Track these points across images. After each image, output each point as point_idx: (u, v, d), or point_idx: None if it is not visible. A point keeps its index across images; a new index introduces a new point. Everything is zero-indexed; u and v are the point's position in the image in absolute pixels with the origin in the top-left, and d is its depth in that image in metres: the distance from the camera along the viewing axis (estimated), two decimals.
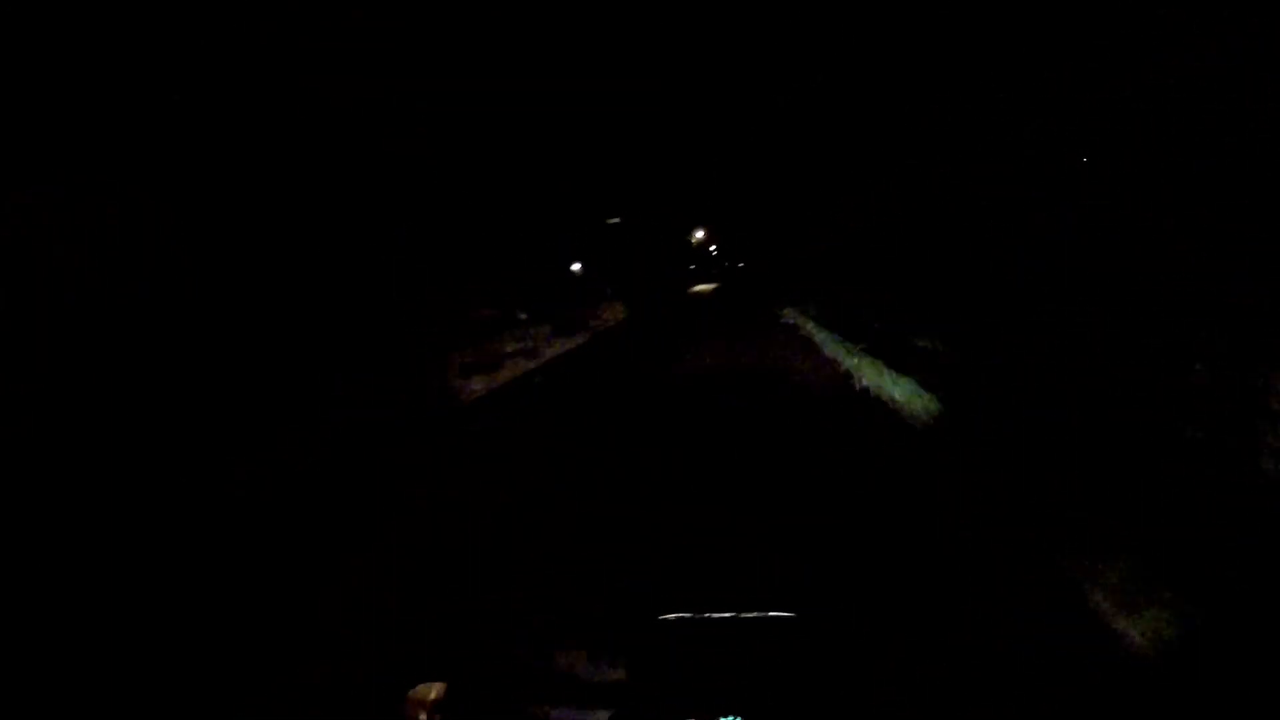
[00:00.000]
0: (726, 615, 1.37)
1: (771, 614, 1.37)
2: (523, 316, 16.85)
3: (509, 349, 12.29)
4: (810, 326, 15.66)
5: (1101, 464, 4.38)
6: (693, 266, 53.03)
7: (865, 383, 8.77)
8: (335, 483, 5.69)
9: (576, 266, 35.65)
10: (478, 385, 9.82)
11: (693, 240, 54.59)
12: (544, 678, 1.37)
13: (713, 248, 60.67)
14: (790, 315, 18.18)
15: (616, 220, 27.34)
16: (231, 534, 4.45)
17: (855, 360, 10.36)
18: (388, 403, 8.56)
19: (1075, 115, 6.77)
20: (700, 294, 39.18)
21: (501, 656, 1.55)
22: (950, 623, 2.63)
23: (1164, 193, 5.07)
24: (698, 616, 1.37)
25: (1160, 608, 2.85)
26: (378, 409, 8.18)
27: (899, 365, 9.29)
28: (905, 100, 12.93)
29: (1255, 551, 3.05)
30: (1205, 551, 3.13)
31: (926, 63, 11.38)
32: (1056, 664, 2.42)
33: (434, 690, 1.27)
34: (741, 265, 54.24)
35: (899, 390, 7.93)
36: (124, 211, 7.07)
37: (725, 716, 1.17)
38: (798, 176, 28.45)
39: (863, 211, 18.00)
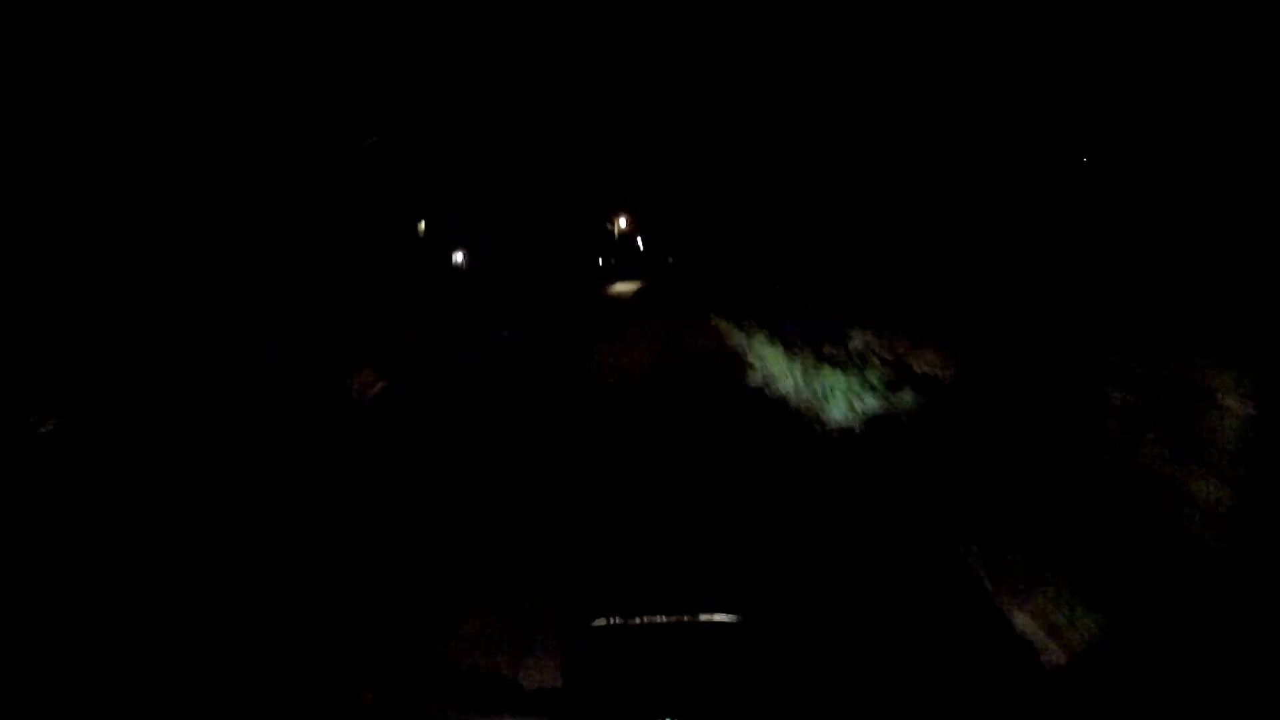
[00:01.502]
0: (662, 620, 1.36)
1: (707, 618, 1.35)
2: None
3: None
4: (738, 331, 12.87)
5: (999, 457, 4.57)
6: (612, 261, 45.97)
7: (793, 390, 7.64)
8: (252, 477, 5.06)
9: (459, 258, 28.03)
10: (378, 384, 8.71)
11: (614, 230, 47.33)
12: (478, 685, 1.46)
13: (639, 239, 54.04)
14: (721, 319, 15.03)
15: (373, 139, 18.94)
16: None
17: (784, 365, 8.90)
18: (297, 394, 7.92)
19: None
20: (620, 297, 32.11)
21: (433, 664, 1.70)
22: (867, 623, 2.66)
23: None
24: (633, 622, 1.35)
25: (1056, 600, 2.97)
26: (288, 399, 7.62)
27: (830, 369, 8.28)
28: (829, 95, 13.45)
29: (1149, 545, 3.34)
30: (1102, 547, 3.38)
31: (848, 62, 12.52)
32: (960, 659, 2.52)
33: (364, 699, 1.26)
34: (671, 260, 48.12)
35: (824, 397, 7.10)
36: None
37: None
38: (744, 157, 24.53)
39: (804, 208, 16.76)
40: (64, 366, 7.96)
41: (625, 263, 49.32)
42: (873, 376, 7.34)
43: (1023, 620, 2.95)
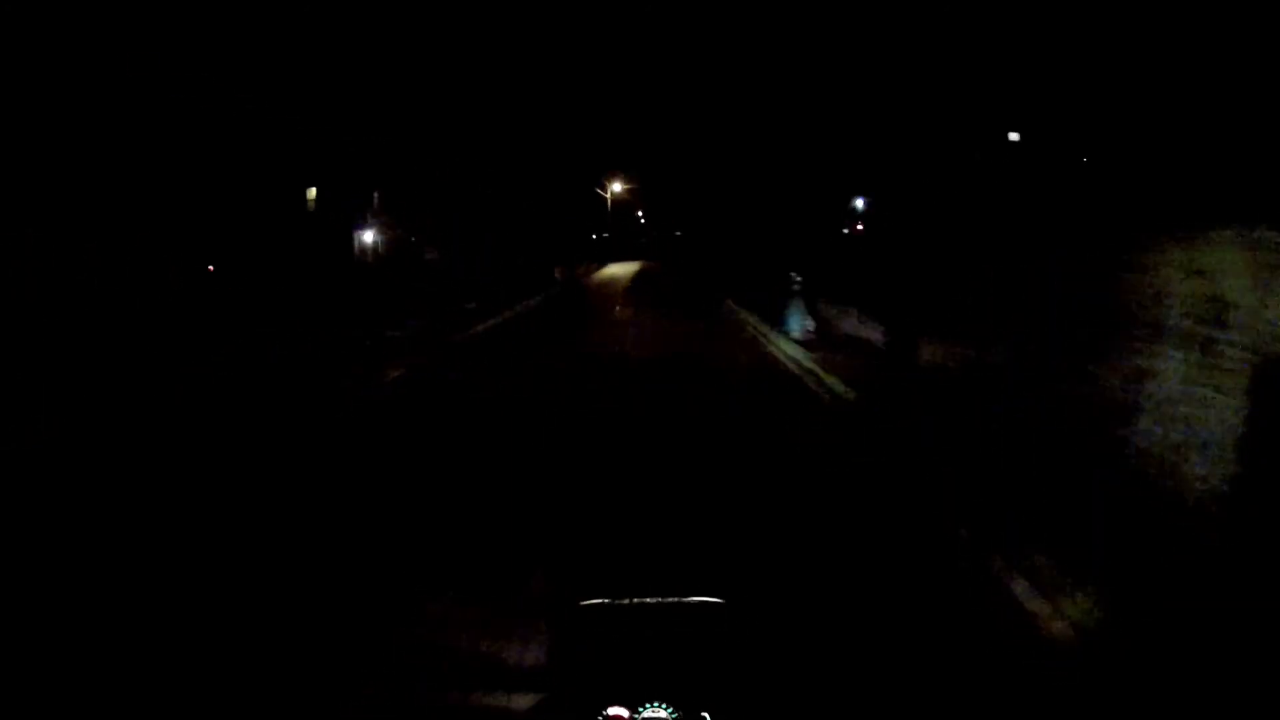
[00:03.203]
0: (651, 601, 1.38)
1: (696, 599, 1.37)
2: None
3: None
4: (753, 318, 13.37)
5: (1019, 454, 4.75)
6: (605, 235, 37.78)
7: (803, 367, 8.77)
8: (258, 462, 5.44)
9: (369, 238, 19.17)
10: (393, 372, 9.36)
11: (606, 196, 38.68)
12: (466, 662, 1.50)
13: (639, 212, 47.87)
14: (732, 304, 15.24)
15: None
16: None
17: (791, 350, 10.07)
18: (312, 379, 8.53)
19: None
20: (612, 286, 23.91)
21: (422, 642, 1.68)
22: (873, 611, 2.65)
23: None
24: (621, 602, 1.37)
25: (1079, 597, 2.99)
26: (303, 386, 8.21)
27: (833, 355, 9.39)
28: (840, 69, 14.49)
29: (1167, 542, 3.38)
30: (1122, 541, 3.42)
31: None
32: (975, 648, 2.52)
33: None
34: (679, 234, 43.61)
35: (831, 380, 7.95)
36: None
37: (650, 703, 1.17)
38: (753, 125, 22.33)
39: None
40: (63, 368, 8.15)
41: (621, 236, 43.59)
42: None
43: (1021, 589, 3.00)
